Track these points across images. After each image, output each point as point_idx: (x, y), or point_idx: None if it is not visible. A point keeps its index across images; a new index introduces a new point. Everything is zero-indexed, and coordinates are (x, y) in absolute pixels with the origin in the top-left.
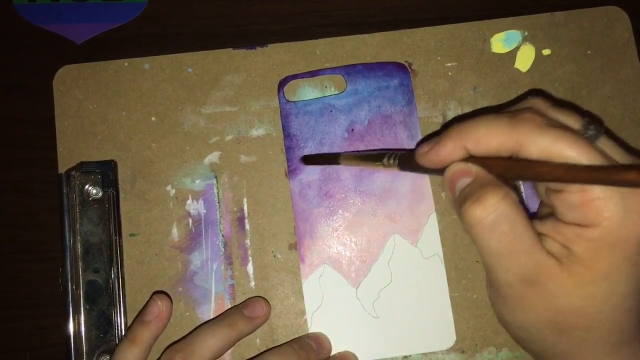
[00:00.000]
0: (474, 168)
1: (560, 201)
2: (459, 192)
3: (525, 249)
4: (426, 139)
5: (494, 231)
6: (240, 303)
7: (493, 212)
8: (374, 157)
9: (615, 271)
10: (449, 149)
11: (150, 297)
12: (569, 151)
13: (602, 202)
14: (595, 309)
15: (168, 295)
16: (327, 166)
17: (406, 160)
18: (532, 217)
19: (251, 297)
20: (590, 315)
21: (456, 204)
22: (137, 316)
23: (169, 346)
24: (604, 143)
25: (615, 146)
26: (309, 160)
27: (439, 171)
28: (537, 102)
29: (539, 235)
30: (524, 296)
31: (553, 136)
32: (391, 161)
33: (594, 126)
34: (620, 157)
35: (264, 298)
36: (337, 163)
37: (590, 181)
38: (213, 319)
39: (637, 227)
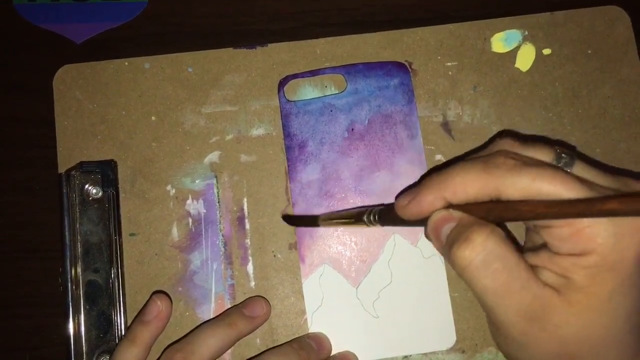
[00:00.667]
0: (455, 213)
1: (551, 235)
2: (445, 237)
3: (522, 284)
4: (402, 192)
5: (487, 270)
6: (240, 303)
7: (482, 251)
8: (354, 217)
9: (615, 294)
10: (429, 200)
11: (150, 297)
12: (548, 187)
13: (591, 229)
14: (599, 334)
15: (167, 295)
16: (328, 165)
17: (387, 215)
18: (522, 248)
19: (251, 297)
20: (595, 341)
21: (445, 249)
22: (136, 316)
23: (168, 346)
24: (580, 168)
25: (591, 169)
26: (289, 220)
27: (421, 223)
28: (506, 143)
29: (534, 268)
30: (528, 333)
31: (529, 175)
32: (371, 218)
33: (565, 154)
34: (599, 179)
35: (263, 297)
36: (316, 225)
37: (574, 215)
38: (213, 318)
39: (630, 248)
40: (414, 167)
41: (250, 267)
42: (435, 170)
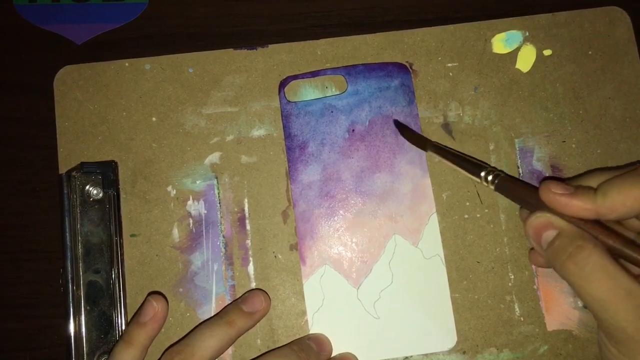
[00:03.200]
0: (557, 221)
1: None
2: (547, 244)
3: (627, 292)
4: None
5: (593, 279)
6: (239, 297)
7: (588, 262)
8: (471, 165)
9: None
10: (580, 208)
11: (146, 298)
12: None
13: None
14: None
15: (164, 296)
16: (329, 166)
17: (511, 186)
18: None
19: (250, 290)
20: None
21: (548, 256)
22: (132, 317)
23: (169, 347)
24: None
25: None
26: (401, 127)
27: (529, 205)
28: None
29: None
30: (638, 339)
31: None
32: (489, 178)
33: None
34: None
35: (262, 290)
36: (424, 149)
37: None
38: (212, 317)
39: None
40: (415, 168)
41: (251, 268)
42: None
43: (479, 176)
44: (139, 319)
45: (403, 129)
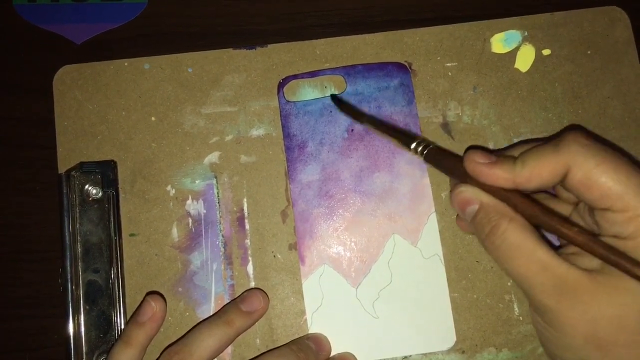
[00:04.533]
0: (476, 195)
1: (603, 218)
2: (470, 217)
3: (544, 266)
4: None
5: (509, 257)
6: (238, 296)
7: (503, 241)
8: (402, 137)
9: None
10: (500, 177)
11: (144, 298)
12: (609, 176)
13: None
14: (633, 319)
15: (162, 296)
16: (328, 166)
17: (438, 156)
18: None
19: (248, 290)
20: (630, 327)
21: (473, 229)
22: (131, 317)
23: (167, 347)
24: None
25: None
26: (337, 101)
27: (455, 175)
28: (578, 132)
29: (574, 255)
30: (556, 310)
31: (596, 159)
32: (419, 149)
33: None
34: None
35: (261, 290)
36: (360, 122)
37: (600, 257)
38: (210, 316)
39: None
40: (414, 168)
41: (250, 268)
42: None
43: (409, 147)
44: (138, 319)
45: (339, 103)
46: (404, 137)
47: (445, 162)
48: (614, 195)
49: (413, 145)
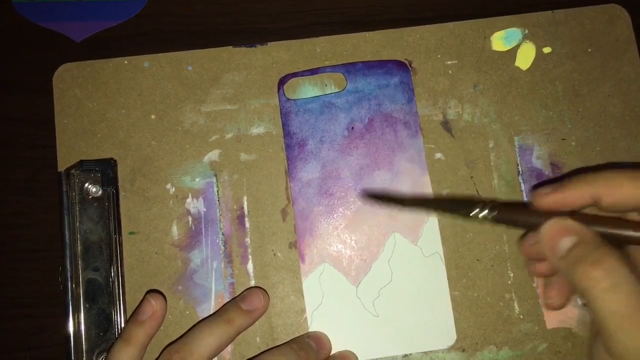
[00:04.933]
0: (577, 226)
1: None
2: (565, 251)
3: None
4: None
5: (615, 293)
6: (238, 295)
7: (613, 274)
8: (458, 207)
9: None
10: (577, 193)
11: (144, 297)
12: None
13: None
14: None
15: (162, 294)
16: (328, 164)
17: (509, 212)
18: None
19: (249, 288)
20: None
21: (565, 264)
22: (131, 316)
23: (167, 345)
24: None
25: None
26: (370, 195)
27: (533, 224)
28: None
29: None
30: None
31: None
32: (485, 212)
33: None
34: None
35: (261, 288)
36: (402, 206)
37: None
38: (211, 315)
39: None
40: (414, 166)
41: (250, 266)
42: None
43: (468, 215)
44: (138, 317)
45: (375, 199)
46: (460, 205)
47: (519, 216)
48: None
49: (475, 211)
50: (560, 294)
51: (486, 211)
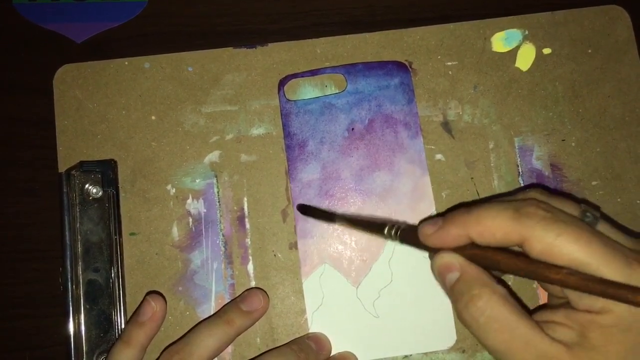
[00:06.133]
0: (459, 262)
1: (571, 291)
2: (449, 285)
3: (525, 342)
4: (426, 219)
5: (489, 331)
6: (238, 296)
7: (482, 314)
8: (374, 227)
9: (629, 355)
10: (453, 236)
11: (144, 298)
12: (570, 247)
13: None
14: None
15: (162, 295)
16: (328, 164)
17: (409, 236)
18: (542, 306)
19: (249, 289)
20: None
21: (451, 299)
22: (131, 317)
23: (167, 346)
24: (604, 228)
25: (616, 231)
26: (303, 209)
27: (430, 248)
28: (537, 194)
29: (550, 324)
30: None
31: (556, 230)
32: (392, 233)
33: (590, 213)
34: (622, 240)
35: (261, 289)
36: (332, 222)
37: (598, 293)
38: (210, 316)
39: None
40: (414, 167)
41: (250, 267)
42: (464, 206)
43: (384, 234)
44: (137, 318)
45: (306, 211)
46: (376, 226)
47: (416, 238)
48: (577, 266)
49: (386, 231)
50: None
51: (392, 232)
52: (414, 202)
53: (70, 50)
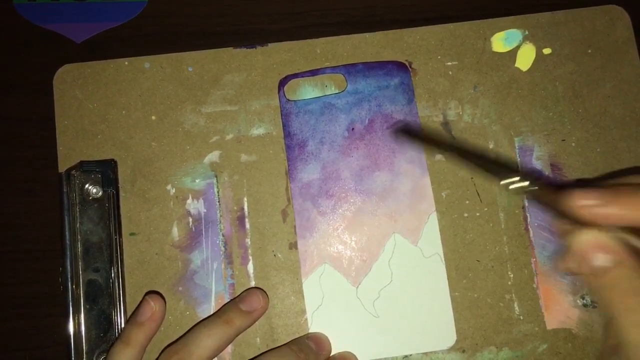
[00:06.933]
0: (613, 246)
1: None
2: (599, 269)
3: None
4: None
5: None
6: (237, 296)
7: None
8: (496, 167)
9: None
10: (619, 215)
11: (143, 298)
12: None
13: None
14: None
15: (161, 295)
16: (328, 164)
17: (542, 195)
18: None
19: (248, 289)
20: None
21: (596, 282)
22: (130, 317)
23: (167, 346)
24: None
25: None
26: (404, 132)
27: (567, 218)
28: None
29: None
30: None
31: None
32: (526, 184)
33: None
34: None
35: (260, 289)
36: (439, 148)
37: None
38: (210, 316)
39: None
40: (414, 167)
41: (250, 267)
42: (626, 185)
43: (510, 181)
44: (137, 318)
45: (408, 131)
46: (502, 168)
47: (554, 204)
48: None
49: (515, 179)
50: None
51: (527, 183)
52: (413, 202)
53: (70, 50)
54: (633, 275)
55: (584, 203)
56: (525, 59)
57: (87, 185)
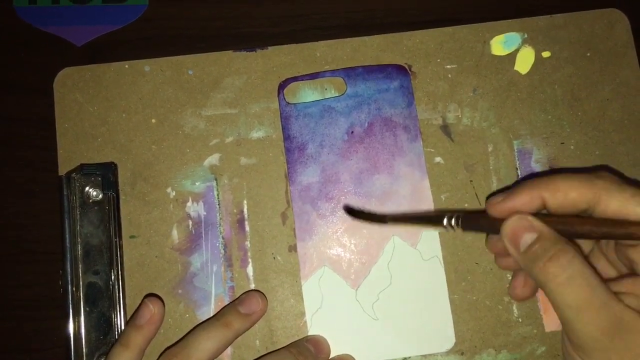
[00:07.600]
0: (537, 223)
1: (637, 251)
2: (525, 247)
3: (603, 302)
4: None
5: (571, 286)
6: (236, 299)
7: (568, 268)
8: (431, 219)
9: None
10: (523, 200)
11: (142, 301)
12: None
13: None
14: None
15: (160, 298)
16: (328, 168)
17: (471, 220)
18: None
19: (247, 292)
20: None
21: (525, 260)
22: (129, 320)
23: (165, 349)
24: None
25: None
26: (352, 212)
27: (495, 229)
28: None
29: (616, 294)
30: (610, 349)
31: (628, 192)
32: (452, 222)
33: None
34: None
35: (259, 292)
36: (383, 223)
37: None
38: (209, 319)
39: None
40: (414, 170)
41: (250, 269)
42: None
43: (443, 225)
44: (136, 321)
45: (354, 213)
46: (433, 218)
47: (481, 222)
48: None
49: (445, 221)
50: (526, 286)
51: (452, 222)
52: (413, 205)
53: (71, 54)
54: (552, 244)
55: (492, 201)
56: (525, 62)
57: (87, 188)
